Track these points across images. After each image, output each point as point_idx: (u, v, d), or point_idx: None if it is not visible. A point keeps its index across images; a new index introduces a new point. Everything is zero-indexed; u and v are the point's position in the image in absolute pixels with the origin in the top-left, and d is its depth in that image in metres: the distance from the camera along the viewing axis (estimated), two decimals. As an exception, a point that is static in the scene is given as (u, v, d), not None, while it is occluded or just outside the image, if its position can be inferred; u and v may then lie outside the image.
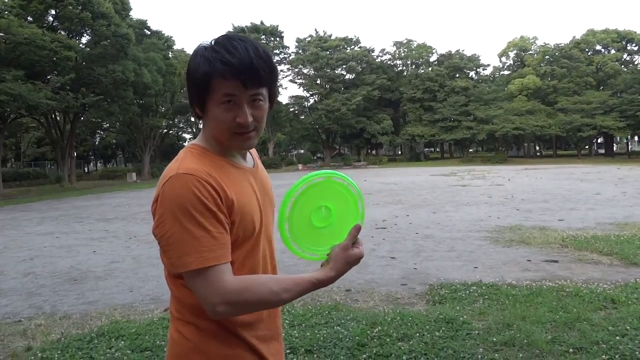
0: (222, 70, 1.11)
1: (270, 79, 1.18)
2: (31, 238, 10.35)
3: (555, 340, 3.58)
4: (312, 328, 4.04)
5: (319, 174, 1.14)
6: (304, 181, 1.13)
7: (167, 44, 43.59)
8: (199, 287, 1.08)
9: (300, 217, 1.16)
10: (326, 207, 1.18)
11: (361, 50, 57.52)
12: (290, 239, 1.17)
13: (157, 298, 5.36)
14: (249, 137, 1.19)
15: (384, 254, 7.27)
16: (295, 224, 1.16)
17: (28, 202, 21.76)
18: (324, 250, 1.20)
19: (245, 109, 1.15)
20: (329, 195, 1.17)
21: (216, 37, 1.18)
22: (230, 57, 1.11)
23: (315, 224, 1.18)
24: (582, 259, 6.44)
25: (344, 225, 1.20)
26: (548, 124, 49.42)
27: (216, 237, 1.08)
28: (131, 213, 14.65)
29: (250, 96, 1.15)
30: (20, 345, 4.00)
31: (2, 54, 25.10)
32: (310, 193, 1.15)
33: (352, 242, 1.19)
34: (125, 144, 57.02)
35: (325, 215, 1.19)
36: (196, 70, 1.14)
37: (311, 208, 1.17)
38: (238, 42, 1.14)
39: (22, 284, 6.27)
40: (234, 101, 1.14)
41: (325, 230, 1.19)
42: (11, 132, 40.00)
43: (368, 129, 54.82)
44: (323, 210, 1.18)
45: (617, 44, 55.00)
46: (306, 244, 1.19)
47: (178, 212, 1.07)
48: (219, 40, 1.16)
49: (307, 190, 1.14)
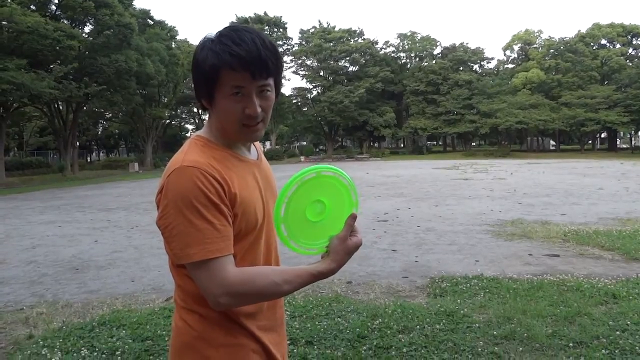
0: (231, 62, 1.11)
1: (277, 70, 1.19)
2: (33, 227, 10.38)
3: (556, 334, 3.59)
4: (312, 319, 4.05)
5: (309, 171, 1.14)
6: (295, 180, 1.12)
7: (170, 34, 43.50)
8: (201, 279, 1.09)
9: (295, 215, 1.16)
10: (320, 201, 1.18)
11: (365, 42, 57.20)
12: (287, 237, 1.17)
13: (159, 288, 5.38)
14: (256, 128, 1.20)
15: (385, 246, 7.27)
16: (291, 223, 1.16)
17: (30, 191, 21.82)
18: (323, 243, 1.20)
19: (254, 100, 1.15)
20: (321, 189, 1.17)
21: (221, 29, 1.17)
22: (238, 49, 1.11)
23: (310, 219, 1.18)
24: (584, 253, 6.44)
25: (339, 216, 1.20)
26: (551, 118, 49.22)
27: (219, 230, 1.09)
28: (133, 203, 14.67)
29: (259, 87, 1.15)
30: (23, 333, 4.02)
31: (5, 42, 25.03)
32: (302, 191, 1.15)
33: (350, 231, 1.19)
34: (127, 134, 57.04)
35: (320, 209, 1.19)
36: (204, 63, 1.14)
37: (305, 204, 1.17)
38: (244, 33, 1.14)
39: (25, 273, 6.30)
40: (243, 93, 1.14)
41: (322, 223, 1.19)
42: (14, 121, 39.93)
43: (371, 121, 54.66)
44: (317, 204, 1.18)
45: (623, 38, 54.62)
46: (304, 239, 1.20)
47: (182, 205, 1.08)
48: (225, 32, 1.15)
49: (299, 189, 1.14)
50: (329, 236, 1.19)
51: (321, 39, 55.53)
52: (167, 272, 1.23)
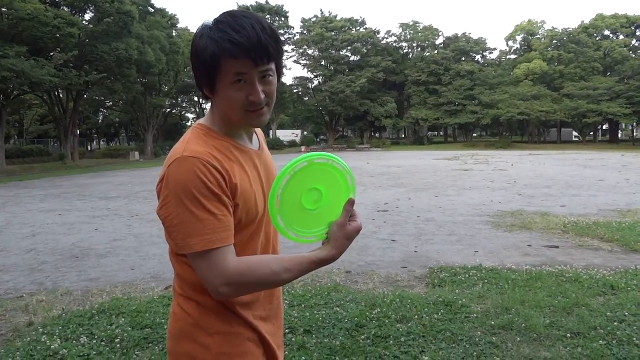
0: (231, 50, 1.09)
1: (278, 54, 1.18)
2: (33, 215, 10.39)
3: (553, 324, 3.60)
4: (311, 308, 4.06)
5: (301, 159, 1.13)
6: (287, 171, 1.12)
7: (170, 22, 43.16)
8: (202, 268, 1.10)
9: (291, 205, 1.15)
10: (315, 188, 1.17)
11: (366, 32, 56.89)
12: (285, 228, 1.17)
13: (158, 276, 5.39)
14: (261, 112, 1.19)
15: (384, 236, 7.28)
16: (287, 213, 1.16)
17: (30, 179, 21.83)
18: (322, 230, 1.20)
19: (257, 86, 1.14)
20: (315, 177, 1.16)
21: (218, 15, 1.16)
22: (238, 36, 1.09)
23: (307, 207, 1.17)
24: (583, 244, 6.44)
25: (337, 202, 1.19)
26: (553, 110, 49.05)
27: (220, 220, 1.10)
28: (133, 192, 14.68)
29: (260, 72, 1.15)
30: (22, 320, 4.03)
31: (5, 29, 24.90)
32: (295, 180, 1.14)
33: (348, 216, 1.18)
34: (128, 122, 56.90)
35: (317, 196, 1.18)
36: (203, 52, 1.12)
37: (300, 193, 1.16)
38: (243, 19, 1.12)
39: (24, 260, 6.31)
40: (245, 79, 1.13)
41: (319, 210, 1.18)
42: (14, 108, 39.83)
43: (372, 111, 54.52)
44: (313, 192, 1.17)
45: (626, 29, 54.23)
46: (302, 228, 1.19)
47: (182, 195, 1.08)
48: (223, 18, 1.14)
49: (292, 179, 1.13)
50: (327, 223, 1.19)
51: (323, 28, 55.22)
52: (167, 261, 1.24)
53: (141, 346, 3.42)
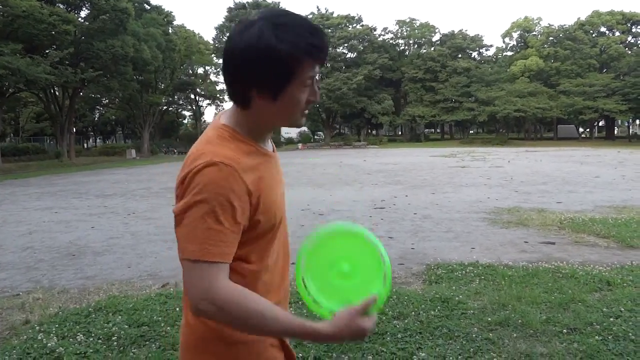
0: (312, 52, 1.08)
1: None
2: (30, 213, 10.36)
3: (550, 320, 3.61)
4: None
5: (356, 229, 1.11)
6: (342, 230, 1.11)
7: (167, 20, 42.97)
8: (192, 277, 1.04)
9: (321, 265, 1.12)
10: (349, 264, 1.12)
11: (363, 29, 56.87)
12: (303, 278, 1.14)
13: (155, 274, 5.38)
14: (306, 113, 1.19)
15: (381, 233, 7.28)
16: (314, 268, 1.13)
17: (27, 177, 21.76)
18: (333, 305, 1.12)
19: (316, 88, 1.15)
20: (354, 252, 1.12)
21: (267, 13, 1.10)
22: (317, 40, 1.09)
23: (331, 277, 1.13)
24: (579, 241, 6.46)
25: (361, 289, 1.11)
26: (549, 106, 49.17)
27: (226, 234, 1.05)
28: (130, 189, 14.65)
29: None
30: (19, 318, 4.02)
31: (0, 27, 24.78)
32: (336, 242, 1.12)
33: (364, 310, 1.09)
34: (124, 120, 56.71)
35: (346, 272, 1.12)
36: (276, 53, 1.05)
37: (335, 258, 1.12)
38: (304, 19, 1.10)
39: (21, 258, 6.29)
40: (312, 81, 1.13)
41: (341, 286, 1.12)
42: (10, 106, 39.71)
43: (369, 108, 54.52)
44: (345, 264, 1.12)
45: (622, 26, 54.39)
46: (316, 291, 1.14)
47: (204, 200, 1.03)
48: (283, 19, 1.08)
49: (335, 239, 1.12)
50: (343, 302, 1.10)
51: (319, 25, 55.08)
52: (164, 259, 1.23)
53: (138, 344, 3.42)
